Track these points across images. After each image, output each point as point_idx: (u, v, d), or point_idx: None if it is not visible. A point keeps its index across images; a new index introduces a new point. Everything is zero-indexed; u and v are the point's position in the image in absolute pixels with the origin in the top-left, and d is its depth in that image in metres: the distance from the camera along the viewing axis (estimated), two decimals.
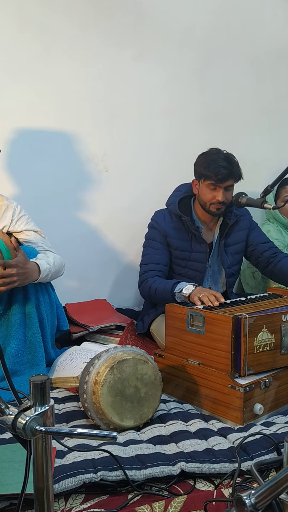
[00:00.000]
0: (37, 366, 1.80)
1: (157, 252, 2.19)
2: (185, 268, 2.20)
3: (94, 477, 1.18)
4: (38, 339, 1.81)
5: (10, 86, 2.33)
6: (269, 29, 2.92)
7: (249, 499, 0.67)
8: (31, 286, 1.80)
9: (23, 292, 1.80)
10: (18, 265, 1.69)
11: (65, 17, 2.40)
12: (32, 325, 1.80)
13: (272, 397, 1.59)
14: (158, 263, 2.17)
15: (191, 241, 2.18)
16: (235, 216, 2.21)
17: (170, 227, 2.18)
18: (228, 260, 2.23)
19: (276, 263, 2.20)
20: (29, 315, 1.80)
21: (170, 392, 1.75)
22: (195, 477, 1.24)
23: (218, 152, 2.10)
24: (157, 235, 2.20)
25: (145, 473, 1.21)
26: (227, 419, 1.53)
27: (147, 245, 2.24)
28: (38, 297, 1.83)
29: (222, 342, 1.56)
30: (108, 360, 1.47)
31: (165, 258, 2.19)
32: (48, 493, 0.82)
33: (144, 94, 2.64)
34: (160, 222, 2.20)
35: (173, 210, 2.18)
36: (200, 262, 2.19)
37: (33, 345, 1.81)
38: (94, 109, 2.53)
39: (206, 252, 2.19)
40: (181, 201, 2.20)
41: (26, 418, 0.75)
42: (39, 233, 2.02)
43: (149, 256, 2.20)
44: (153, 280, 2.11)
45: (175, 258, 2.20)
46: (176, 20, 2.66)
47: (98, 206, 2.60)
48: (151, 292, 2.10)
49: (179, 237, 2.18)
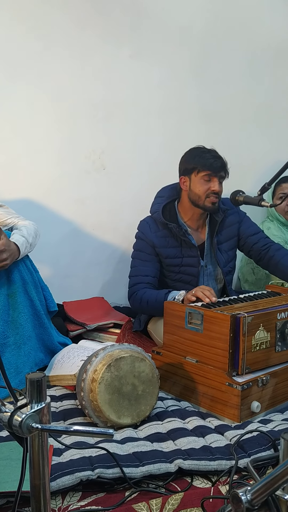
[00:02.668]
0: (24, 345, 1.78)
1: (145, 264, 2.16)
2: (179, 274, 2.18)
3: (91, 475, 1.18)
4: (25, 318, 1.79)
5: (7, 83, 2.33)
6: (267, 27, 2.91)
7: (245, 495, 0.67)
8: (13, 267, 1.78)
9: (6, 274, 1.78)
10: (5, 249, 1.68)
11: (63, 14, 2.40)
12: (18, 305, 1.78)
13: (269, 395, 1.59)
14: (146, 275, 2.14)
15: (181, 247, 2.14)
16: (222, 211, 2.17)
17: (158, 236, 2.14)
18: (223, 258, 2.20)
19: (270, 257, 2.17)
20: (13, 295, 1.78)
21: (167, 389, 1.75)
22: (192, 474, 1.24)
23: (204, 147, 2.12)
24: (144, 246, 2.16)
25: (142, 471, 1.21)
26: (225, 417, 1.54)
27: (135, 256, 2.21)
28: (23, 277, 1.81)
29: (220, 340, 1.56)
30: (105, 357, 1.47)
31: (154, 269, 2.16)
32: (44, 490, 0.82)
33: (141, 92, 2.63)
34: (146, 233, 2.16)
35: (158, 219, 2.14)
36: (193, 266, 2.16)
37: (20, 325, 1.78)
38: (91, 107, 2.53)
39: (197, 256, 2.15)
40: (165, 208, 2.16)
41: (22, 415, 0.75)
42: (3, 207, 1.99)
43: (138, 268, 2.17)
44: (143, 292, 2.08)
45: (168, 266, 2.17)
46: (174, 18, 2.65)
47: (95, 203, 2.60)
48: (143, 304, 2.08)
49: (167, 245, 2.14)
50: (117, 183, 2.63)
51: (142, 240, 2.18)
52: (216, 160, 2.06)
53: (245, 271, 2.76)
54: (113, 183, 2.62)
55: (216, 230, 2.18)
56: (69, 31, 2.42)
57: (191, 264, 2.15)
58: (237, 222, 2.24)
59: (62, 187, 2.51)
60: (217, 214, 2.17)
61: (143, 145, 2.67)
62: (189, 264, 2.16)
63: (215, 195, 2.08)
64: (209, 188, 2.07)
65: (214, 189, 2.06)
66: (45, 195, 2.47)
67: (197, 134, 2.65)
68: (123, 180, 2.64)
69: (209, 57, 2.78)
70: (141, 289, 2.10)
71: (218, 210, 2.16)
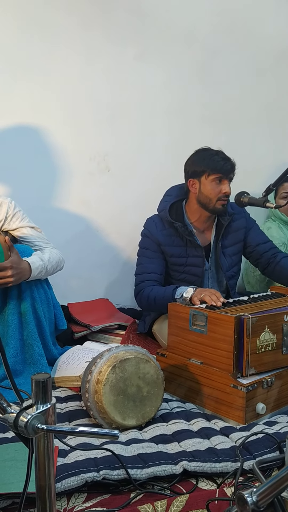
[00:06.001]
0: (35, 365, 1.79)
1: (151, 261, 2.16)
2: (183, 274, 2.17)
3: (96, 476, 1.18)
4: (34, 338, 1.80)
5: (13, 84, 2.34)
6: (271, 28, 2.91)
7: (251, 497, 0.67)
8: (25, 284, 1.79)
9: (18, 291, 1.79)
10: (13, 266, 1.68)
11: (68, 15, 2.40)
12: (28, 324, 1.79)
13: (274, 397, 1.59)
14: (153, 272, 2.14)
15: (186, 247, 2.14)
16: (229, 215, 2.17)
17: (163, 234, 2.14)
18: (226, 263, 2.19)
19: (276, 263, 2.18)
20: (25, 314, 1.79)
21: (172, 391, 1.74)
22: (197, 476, 1.24)
23: (210, 149, 2.11)
24: (150, 244, 2.17)
25: (148, 472, 1.21)
26: (230, 419, 1.53)
27: (141, 254, 2.21)
28: (34, 295, 1.82)
29: (225, 342, 1.56)
30: (110, 359, 1.47)
31: (160, 267, 2.16)
32: (50, 491, 0.82)
33: (146, 93, 2.64)
34: (152, 231, 2.16)
35: (164, 217, 2.14)
36: (197, 267, 2.15)
37: (30, 344, 1.80)
38: (96, 108, 2.54)
39: (202, 256, 2.15)
40: (172, 207, 2.16)
41: (28, 416, 0.75)
42: (35, 229, 1.99)
43: (144, 266, 2.17)
44: (150, 289, 2.08)
45: (172, 265, 2.17)
46: (178, 19, 2.66)
47: (100, 205, 2.60)
48: (150, 301, 2.07)
49: (173, 244, 2.14)
50: (121, 185, 2.63)
51: (148, 238, 2.18)
52: (226, 163, 2.05)
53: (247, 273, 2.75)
54: (117, 185, 2.62)
55: (222, 233, 2.17)
56: (74, 33, 2.43)
57: (196, 264, 2.15)
58: (244, 227, 2.23)
59: (67, 189, 2.52)
60: (224, 217, 2.17)
61: (147, 147, 2.67)
62: (194, 264, 2.15)
63: (226, 197, 2.08)
64: (221, 191, 2.06)
65: (226, 191, 2.06)
66: (50, 196, 2.48)
67: (202, 136, 2.65)
68: (127, 182, 2.64)
69: (213, 58, 2.78)
70: (148, 286, 2.10)
71: (224, 213, 2.16)
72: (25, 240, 1.95)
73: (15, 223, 1.94)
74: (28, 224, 1.97)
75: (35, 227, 2.00)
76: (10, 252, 1.72)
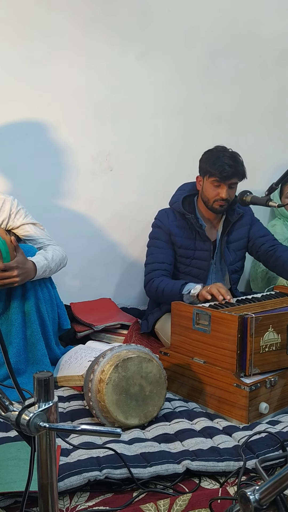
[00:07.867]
0: (37, 365, 1.79)
1: (161, 251, 2.18)
2: (189, 267, 2.20)
3: (99, 475, 1.18)
4: (38, 338, 1.80)
5: (14, 85, 2.34)
6: (273, 27, 2.90)
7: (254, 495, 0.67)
8: (29, 284, 1.79)
9: (22, 290, 1.79)
10: (19, 266, 1.69)
11: (69, 15, 2.40)
12: (31, 323, 1.79)
13: (277, 396, 1.58)
14: (163, 262, 2.17)
15: (195, 239, 2.18)
16: (237, 214, 2.21)
17: (174, 225, 2.18)
18: (230, 257, 2.23)
19: (277, 257, 2.18)
20: (28, 313, 1.80)
21: (175, 390, 1.74)
22: (200, 475, 1.24)
23: (224, 150, 2.10)
24: (161, 234, 2.20)
25: (150, 471, 1.21)
26: (232, 418, 1.53)
27: (151, 244, 2.24)
28: (37, 295, 1.82)
29: (228, 341, 1.56)
30: (113, 358, 1.47)
31: (170, 257, 2.19)
32: (52, 490, 0.82)
33: (147, 93, 2.63)
34: (164, 221, 2.20)
35: (177, 209, 2.18)
36: (204, 260, 2.18)
37: (33, 344, 1.80)
38: (98, 108, 2.54)
39: (210, 250, 2.18)
40: (184, 200, 2.20)
41: (30, 414, 0.75)
42: (38, 225, 2.00)
43: (154, 256, 2.19)
44: (160, 280, 2.10)
45: (180, 257, 2.20)
46: (180, 19, 2.65)
47: (102, 205, 2.60)
48: (158, 292, 2.09)
49: (183, 236, 2.17)
50: (124, 185, 2.63)
51: (159, 228, 2.21)
52: (227, 168, 2.03)
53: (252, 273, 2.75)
54: (120, 184, 2.62)
55: (228, 229, 2.21)
56: (76, 33, 2.43)
57: (203, 257, 2.18)
58: (249, 224, 2.27)
59: (70, 188, 2.52)
60: (232, 216, 2.20)
61: (150, 147, 2.67)
62: (201, 257, 2.18)
63: (222, 201, 2.09)
64: (218, 194, 2.08)
65: (222, 196, 2.07)
66: (52, 196, 2.48)
67: (204, 136, 2.65)
68: (130, 182, 2.64)
69: (216, 58, 2.77)
70: (158, 277, 2.12)
71: (233, 212, 2.20)
72: (29, 238, 1.96)
73: (19, 220, 1.96)
74: (31, 221, 1.99)
75: (37, 224, 2.01)
76: (16, 252, 1.72)
